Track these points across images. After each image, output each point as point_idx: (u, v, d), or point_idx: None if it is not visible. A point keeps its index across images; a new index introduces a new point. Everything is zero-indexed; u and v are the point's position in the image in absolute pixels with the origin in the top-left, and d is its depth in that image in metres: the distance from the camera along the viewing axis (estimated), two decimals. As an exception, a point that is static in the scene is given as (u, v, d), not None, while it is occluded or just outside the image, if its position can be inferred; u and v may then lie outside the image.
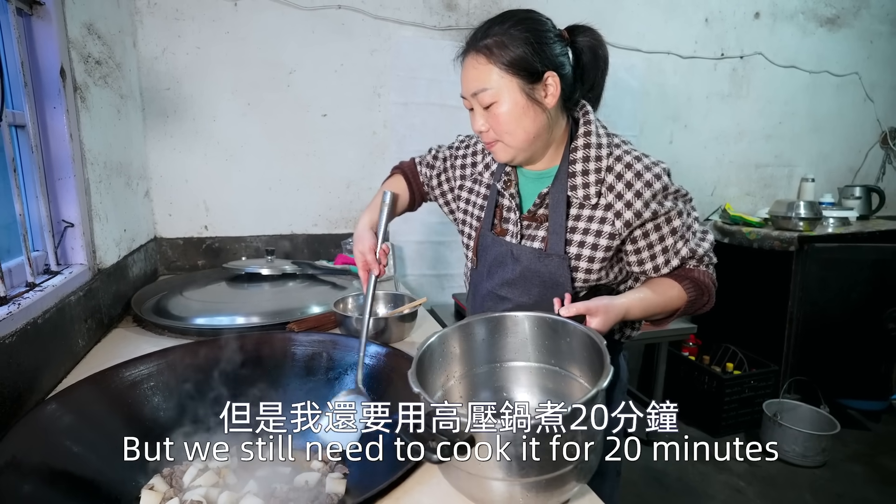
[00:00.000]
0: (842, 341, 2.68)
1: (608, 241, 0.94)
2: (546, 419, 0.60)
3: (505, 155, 0.97)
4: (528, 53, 0.88)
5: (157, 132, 1.90)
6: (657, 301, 0.94)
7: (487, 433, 0.61)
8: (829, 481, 2.30)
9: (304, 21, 2.01)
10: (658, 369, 2.50)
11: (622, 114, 2.60)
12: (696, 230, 0.99)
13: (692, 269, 0.99)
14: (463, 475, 0.66)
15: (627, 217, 0.92)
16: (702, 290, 0.98)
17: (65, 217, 1.23)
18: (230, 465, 0.85)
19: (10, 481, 0.65)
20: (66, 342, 1.10)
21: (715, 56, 2.79)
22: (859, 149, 3.32)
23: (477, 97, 0.92)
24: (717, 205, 3.02)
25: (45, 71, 1.16)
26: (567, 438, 0.61)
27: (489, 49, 0.89)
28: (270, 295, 1.64)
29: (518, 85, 0.90)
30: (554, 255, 0.96)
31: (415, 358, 0.75)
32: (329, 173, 2.15)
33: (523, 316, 0.85)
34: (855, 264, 2.63)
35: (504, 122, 0.92)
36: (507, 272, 1.02)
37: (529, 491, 0.64)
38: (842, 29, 3.04)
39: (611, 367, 0.67)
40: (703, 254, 0.98)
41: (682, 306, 0.97)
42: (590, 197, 0.95)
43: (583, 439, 0.63)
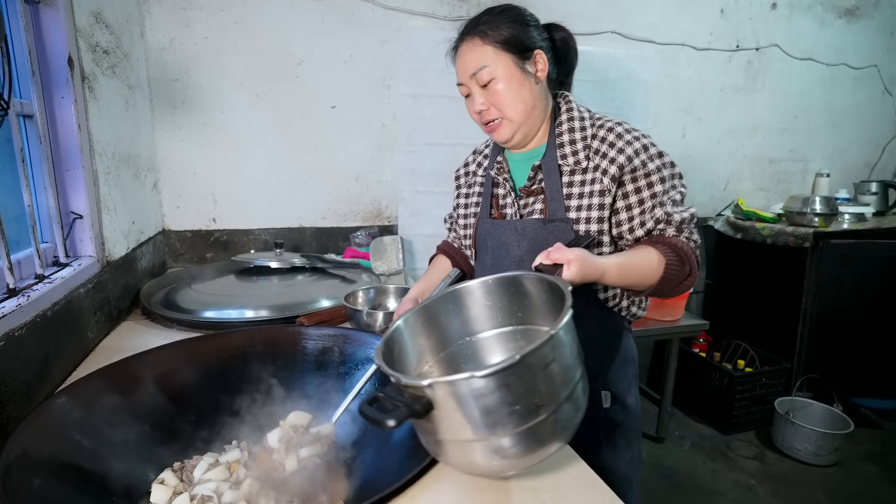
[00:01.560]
0: (856, 339, 2.64)
1: (600, 199, 0.98)
2: (497, 365, 0.57)
3: (507, 130, 1.03)
4: (518, 32, 0.99)
5: (166, 123, 1.89)
6: (635, 263, 0.93)
7: (445, 388, 0.59)
8: (841, 481, 2.27)
9: (313, 11, 1.98)
10: (668, 366, 2.48)
11: (634, 106, 2.56)
12: (677, 200, 1.00)
13: (670, 237, 0.98)
14: (448, 445, 0.65)
15: (612, 172, 0.97)
16: (680, 256, 0.95)
17: (73, 209, 1.22)
18: (241, 459, 0.84)
19: (21, 475, 0.63)
20: (76, 334, 1.09)
21: (730, 48, 2.73)
22: (876, 143, 3.25)
23: (475, 77, 0.99)
24: (730, 200, 2.98)
25: (53, 60, 1.14)
26: (526, 384, 0.59)
27: (483, 32, 0.99)
28: (279, 288, 1.62)
29: (512, 60, 0.98)
30: (557, 221, 1.00)
31: (381, 342, 0.73)
32: (338, 166, 2.13)
33: (475, 284, 0.83)
34: (871, 261, 2.59)
35: (504, 95, 0.99)
36: (513, 251, 1.04)
37: (505, 449, 0.62)
38: (861, 20, 2.97)
39: (570, 308, 0.64)
40: (680, 221, 0.98)
41: (663, 273, 0.94)
42: (579, 162, 1.00)
43: (547, 386, 0.61)
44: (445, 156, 2.25)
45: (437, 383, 0.59)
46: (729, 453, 2.46)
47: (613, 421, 1.05)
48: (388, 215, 2.26)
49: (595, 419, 1.03)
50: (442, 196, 2.27)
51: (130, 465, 0.79)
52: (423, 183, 2.25)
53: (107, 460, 0.76)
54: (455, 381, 0.58)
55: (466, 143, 2.24)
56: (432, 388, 0.59)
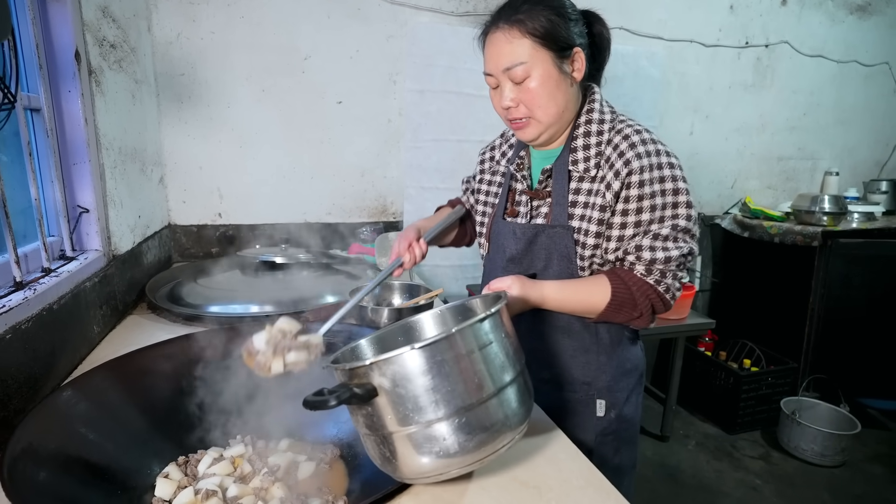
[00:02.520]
0: (863, 339, 2.62)
1: (600, 214, 0.93)
2: (433, 337, 0.61)
3: (534, 131, 0.97)
4: (559, 26, 0.90)
5: (172, 118, 1.89)
6: (576, 292, 0.94)
7: (386, 365, 0.61)
8: (848, 481, 2.25)
9: (319, 6, 1.98)
10: (674, 364, 2.46)
11: (642, 103, 2.54)
12: (664, 235, 0.90)
13: (633, 275, 0.93)
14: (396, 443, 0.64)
15: (615, 187, 0.92)
16: (633, 299, 0.92)
17: (80, 202, 1.22)
18: (245, 454, 0.84)
19: (27, 468, 0.64)
20: (82, 328, 1.09)
21: (739, 44, 2.71)
22: (887, 142, 3.22)
23: (509, 72, 0.91)
24: (738, 198, 2.96)
25: (60, 53, 1.14)
26: (464, 361, 0.62)
27: (522, 22, 0.89)
28: (285, 284, 1.62)
29: (551, 58, 0.91)
30: (558, 227, 0.97)
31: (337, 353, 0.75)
32: (343, 161, 2.13)
33: (427, 314, 0.87)
34: (880, 260, 2.57)
35: (538, 96, 0.92)
36: (509, 252, 1.04)
37: (454, 435, 0.62)
38: (872, 17, 2.94)
39: (505, 300, 0.71)
40: (650, 260, 0.90)
41: (602, 311, 0.93)
42: (588, 170, 0.95)
43: (486, 367, 0.64)
44: (451, 152, 2.24)
45: (378, 361, 0.61)
46: (734, 453, 2.45)
47: (606, 429, 1.04)
48: (393, 211, 2.25)
49: (588, 426, 1.03)
50: (447, 192, 2.25)
51: (135, 459, 0.79)
52: (428, 179, 2.25)
53: (112, 453, 0.76)
54: (395, 357, 0.60)
55: (472, 139, 2.23)
56: (375, 367, 0.61)
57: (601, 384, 1.03)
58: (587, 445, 1.03)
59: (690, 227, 0.92)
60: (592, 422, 1.04)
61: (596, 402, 1.03)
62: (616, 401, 1.04)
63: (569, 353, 1.03)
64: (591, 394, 1.03)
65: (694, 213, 0.93)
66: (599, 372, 1.03)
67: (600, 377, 1.03)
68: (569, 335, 1.03)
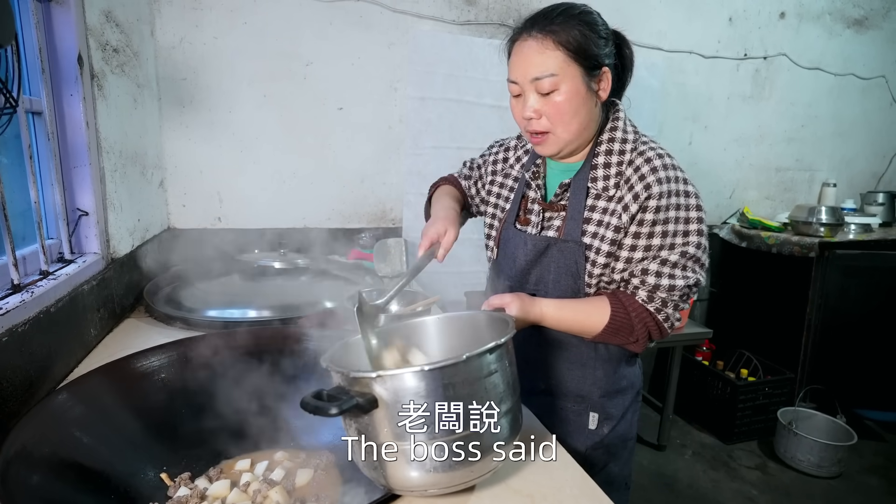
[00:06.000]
0: (860, 350, 2.62)
1: (614, 234, 0.93)
2: (444, 361, 0.61)
3: (553, 147, 0.95)
4: (592, 42, 0.89)
5: (173, 122, 1.90)
6: (575, 313, 0.94)
7: (392, 381, 0.61)
8: (844, 493, 2.25)
9: (321, 12, 1.99)
10: (671, 374, 2.46)
11: (641, 113, 2.55)
12: (673, 262, 0.91)
13: (635, 300, 0.93)
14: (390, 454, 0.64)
15: (633, 209, 0.91)
16: (631, 325, 0.93)
17: (79, 205, 1.23)
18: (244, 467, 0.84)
19: (20, 471, 0.63)
20: (79, 331, 1.09)
21: (738, 56, 2.73)
22: (884, 154, 3.24)
23: (537, 82, 0.89)
24: (736, 208, 2.97)
25: (63, 58, 1.15)
26: (470, 387, 0.62)
27: (555, 33, 0.88)
28: (283, 289, 1.63)
29: (580, 73, 0.89)
30: (570, 241, 0.96)
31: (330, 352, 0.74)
32: (343, 167, 2.14)
33: (431, 319, 0.88)
34: (876, 272, 2.58)
35: (563, 112, 0.90)
36: (518, 262, 1.04)
37: (448, 456, 0.63)
38: (870, 30, 2.96)
39: (513, 329, 0.71)
40: (653, 286, 0.91)
41: (602, 330, 0.94)
42: (608, 189, 0.94)
43: (489, 395, 0.64)
44: (451, 159, 2.23)
45: (384, 375, 0.61)
46: (730, 463, 2.44)
47: (597, 443, 1.05)
48: (392, 217, 2.26)
49: (579, 436, 1.04)
50: (446, 199, 2.27)
51: (129, 463, 0.79)
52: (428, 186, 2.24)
53: (106, 458, 0.76)
54: (402, 375, 0.60)
55: (472, 146, 2.23)
56: (381, 380, 0.61)
57: (595, 398, 1.03)
58: (580, 455, 1.03)
59: (700, 256, 0.92)
60: (584, 433, 1.04)
61: (589, 415, 1.04)
62: (609, 416, 1.04)
63: (565, 366, 1.03)
64: (584, 406, 1.04)
65: (705, 241, 0.93)
66: (594, 387, 1.03)
67: (594, 391, 1.03)
68: (566, 348, 1.03)
